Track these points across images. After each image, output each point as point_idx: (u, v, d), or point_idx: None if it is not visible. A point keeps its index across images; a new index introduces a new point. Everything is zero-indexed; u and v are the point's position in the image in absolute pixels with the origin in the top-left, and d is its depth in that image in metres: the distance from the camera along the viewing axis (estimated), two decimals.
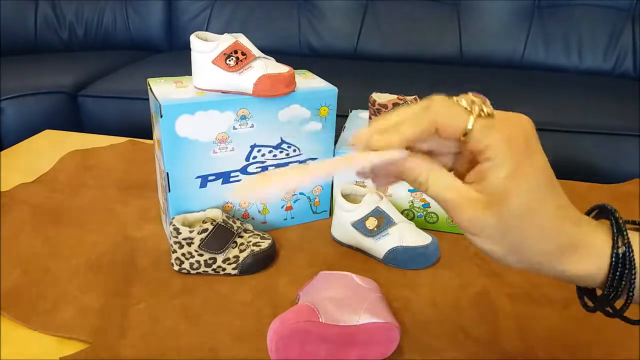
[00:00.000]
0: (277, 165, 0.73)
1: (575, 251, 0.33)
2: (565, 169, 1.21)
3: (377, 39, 1.79)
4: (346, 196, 0.75)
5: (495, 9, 1.71)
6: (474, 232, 0.33)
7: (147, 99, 1.38)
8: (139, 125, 1.43)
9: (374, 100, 0.76)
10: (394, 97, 0.75)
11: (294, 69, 0.72)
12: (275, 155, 0.73)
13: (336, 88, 0.73)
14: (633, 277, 0.33)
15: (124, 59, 1.80)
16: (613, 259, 0.33)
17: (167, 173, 0.67)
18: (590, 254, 0.33)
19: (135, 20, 1.96)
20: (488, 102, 0.33)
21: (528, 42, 1.69)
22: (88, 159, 1.00)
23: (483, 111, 0.32)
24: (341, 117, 0.81)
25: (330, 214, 0.82)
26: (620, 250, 0.33)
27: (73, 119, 1.50)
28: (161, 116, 0.64)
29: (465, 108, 0.32)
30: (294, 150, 0.74)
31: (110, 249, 0.71)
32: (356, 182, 0.77)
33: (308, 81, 0.75)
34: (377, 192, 0.72)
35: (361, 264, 0.70)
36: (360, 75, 1.57)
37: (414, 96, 0.75)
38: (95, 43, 1.97)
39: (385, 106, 0.75)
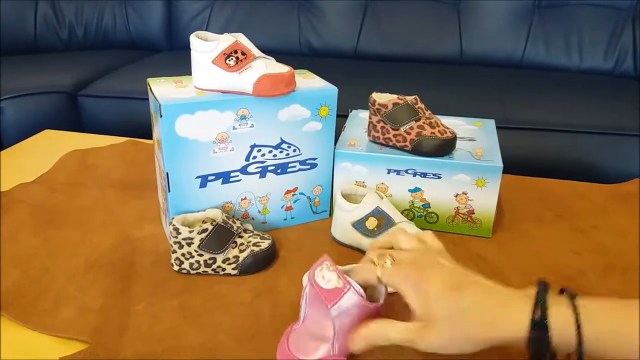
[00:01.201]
0: (277, 165, 0.73)
1: (495, 323, 0.42)
2: (566, 169, 1.21)
3: (377, 38, 1.79)
4: (346, 196, 0.75)
5: (496, 9, 1.70)
6: (435, 350, 0.43)
7: (147, 99, 1.38)
8: (138, 125, 1.43)
9: (374, 100, 0.76)
10: (394, 97, 0.75)
11: (294, 68, 0.72)
12: (275, 155, 0.73)
13: (336, 88, 0.73)
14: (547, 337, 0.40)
15: (124, 58, 1.80)
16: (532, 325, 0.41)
17: (167, 173, 0.67)
18: (509, 324, 0.42)
19: (135, 20, 1.96)
20: (387, 254, 0.49)
21: (528, 42, 1.69)
22: (88, 159, 1.00)
23: (388, 262, 0.48)
24: (341, 117, 0.81)
25: (330, 214, 0.82)
26: (535, 317, 0.41)
27: (73, 118, 1.50)
28: (161, 116, 0.63)
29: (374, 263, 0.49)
30: (294, 150, 0.74)
31: (110, 249, 0.71)
32: (356, 182, 0.77)
33: (308, 81, 0.75)
34: (377, 192, 0.72)
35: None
36: (360, 75, 1.57)
37: (414, 96, 0.75)
38: (95, 43, 1.97)
39: (385, 106, 0.75)
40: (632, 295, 0.64)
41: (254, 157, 0.71)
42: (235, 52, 0.66)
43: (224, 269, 0.66)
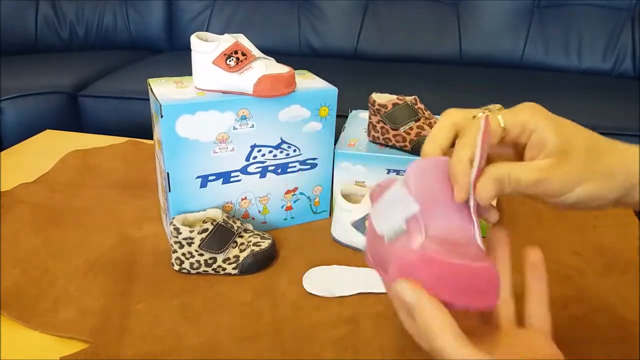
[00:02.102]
0: (278, 165, 0.74)
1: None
2: None
3: (377, 39, 1.79)
4: (346, 196, 0.75)
5: (495, 9, 1.71)
6: (567, 188, 0.37)
7: (148, 99, 1.38)
8: (139, 126, 1.43)
9: (374, 101, 0.76)
10: (394, 97, 0.76)
11: (294, 69, 0.72)
12: (275, 156, 0.73)
13: (336, 88, 0.73)
14: None
15: (125, 59, 1.80)
16: None
17: (168, 173, 0.67)
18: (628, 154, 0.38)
19: (136, 20, 1.97)
20: (493, 106, 0.41)
21: (528, 42, 1.69)
22: (88, 159, 1.00)
23: (497, 107, 0.40)
24: (341, 117, 0.81)
25: (330, 214, 0.82)
26: None
27: (73, 119, 1.50)
28: (161, 116, 0.64)
29: (482, 113, 0.40)
30: (294, 150, 0.74)
31: (111, 248, 0.71)
32: (356, 182, 0.77)
33: (308, 81, 0.75)
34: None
35: (361, 264, 0.70)
36: (360, 75, 1.57)
37: (413, 96, 0.75)
38: (96, 43, 1.97)
39: (385, 106, 0.75)
40: (631, 295, 0.64)
41: (254, 157, 0.72)
42: (236, 52, 0.66)
43: (224, 269, 0.66)
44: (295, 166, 0.75)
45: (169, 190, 0.68)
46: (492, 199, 0.38)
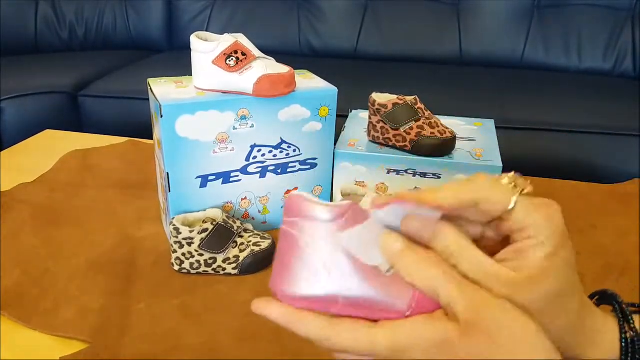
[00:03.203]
0: (278, 165, 0.74)
1: (592, 344, 0.35)
2: (565, 169, 1.21)
3: (377, 39, 1.79)
4: (346, 196, 0.75)
5: (495, 9, 1.71)
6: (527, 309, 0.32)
7: (148, 99, 1.38)
8: (139, 125, 1.43)
9: (374, 100, 0.76)
10: (394, 97, 0.76)
11: (294, 69, 0.72)
12: (275, 155, 0.73)
13: (336, 88, 0.73)
14: None
15: (124, 59, 1.80)
16: (623, 344, 0.34)
17: (168, 173, 0.67)
18: (604, 345, 0.35)
19: (136, 20, 1.96)
20: (528, 182, 0.34)
21: (528, 42, 1.69)
22: (88, 159, 1.00)
23: (524, 190, 0.33)
24: (341, 117, 0.81)
25: None
26: (628, 336, 0.35)
27: (73, 119, 1.50)
28: (161, 116, 0.64)
29: (508, 186, 0.33)
30: (294, 150, 0.74)
31: (111, 249, 0.71)
32: (356, 181, 0.77)
33: (308, 81, 0.75)
34: (377, 192, 0.72)
35: None
36: (360, 75, 1.57)
37: (413, 96, 0.75)
38: (96, 43, 1.97)
39: (385, 106, 0.75)
40: (630, 295, 0.64)
41: (254, 157, 0.72)
42: (236, 52, 0.66)
43: (224, 269, 0.66)
44: (295, 166, 0.75)
45: (169, 190, 0.68)
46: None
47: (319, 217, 0.31)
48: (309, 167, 0.76)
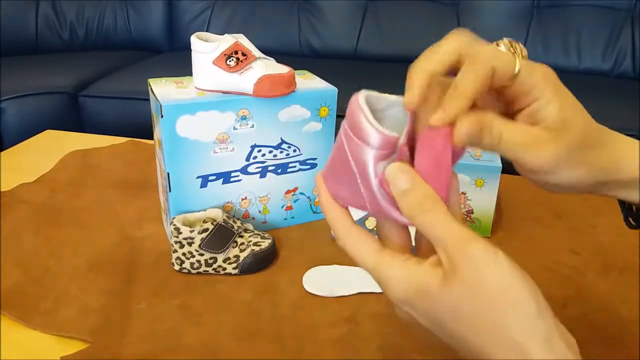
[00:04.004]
0: (278, 165, 0.74)
1: (629, 185, 0.37)
2: None
3: (377, 39, 1.79)
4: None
5: (495, 9, 1.71)
6: (555, 165, 0.34)
7: (148, 99, 1.38)
8: (139, 126, 1.43)
9: None
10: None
11: (294, 69, 0.72)
12: (275, 156, 0.73)
13: (336, 88, 0.73)
14: None
15: (125, 59, 1.80)
16: None
17: (168, 173, 0.67)
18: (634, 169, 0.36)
19: (136, 20, 1.97)
20: (522, 44, 0.35)
21: (527, 43, 1.69)
22: (89, 159, 1.00)
23: (522, 54, 0.35)
24: (341, 118, 0.81)
25: None
26: None
27: (74, 119, 1.50)
28: (162, 116, 0.64)
29: (508, 52, 0.34)
30: (294, 151, 0.74)
31: (111, 248, 0.71)
32: None
33: (308, 81, 0.75)
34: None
35: None
36: (360, 75, 1.57)
37: None
38: (96, 43, 1.97)
39: None
40: (630, 295, 0.64)
41: (255, 157, 0.72)
42: (236, 52, 0.66)
43: (224, 269, 0.66)
44: (295, 166, 0.75)
45: (169, 190, 0.68)
46: (464, 142, 0.32)
47: (366, 140, 0.32)
48: (309, 167, 0.76)
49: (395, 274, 0.33)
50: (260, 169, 0.73)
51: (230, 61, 0.66)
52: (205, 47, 0.66)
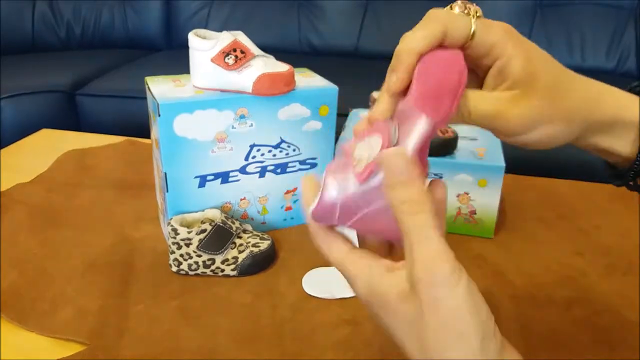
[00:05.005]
0: (277, 165, 0.73)
1: (610, 129, 0.36)
2: (568, 169, 1.20)
3: (378, 37, 1.78)
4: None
5: (497, 8, 1.70)
6: (527, 127, 0.34)
7: (145, 98, 1.38)
8: (137, 125, 1.42)
9: (374, 99, 0.75)
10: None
11: (294, 67, 0.71)
12: (274, 155, 0.72)
13: (336, 87, 0.72)
14: None
15: (122, 57, 1.79)
16: None
17: (165, 173, 0.66)
18: (622, 132, 0.36)
19: (133, 18, 1.96)
20: (475, 5, 0.35)
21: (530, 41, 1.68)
22: (85, 158, 0.99)
23: (477, 13, 0.34)
24: (341, 116, 0.80)
25: None
26: None
27: (71, 118, 1.49)
28: (159, 115, 0.63)
29: (462, 12, 0.34)
30: (294, 150, 0.73)
31: (108, 249, 0.71)
32: None
33: (308, 80, 0.74)
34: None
35: None
36: (360, 74, 1.56)
37: None
38: (93, 42, 1.96)
39: None
40: (634, 296, 0.64)
41: (254, 157, 0.71)
42: (235, 50, 0.65)
43: (222, 270, 0.65)
44: (294, 166, 0.74)
45: (167, 191, 0.67)
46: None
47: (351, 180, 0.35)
48: (308, 166, 0.75)
49: (360, 274, 0.33)
50: (259, 169, 0.72)
51: (228, 59, 0.65)
52: (203, 45, 0.65)
